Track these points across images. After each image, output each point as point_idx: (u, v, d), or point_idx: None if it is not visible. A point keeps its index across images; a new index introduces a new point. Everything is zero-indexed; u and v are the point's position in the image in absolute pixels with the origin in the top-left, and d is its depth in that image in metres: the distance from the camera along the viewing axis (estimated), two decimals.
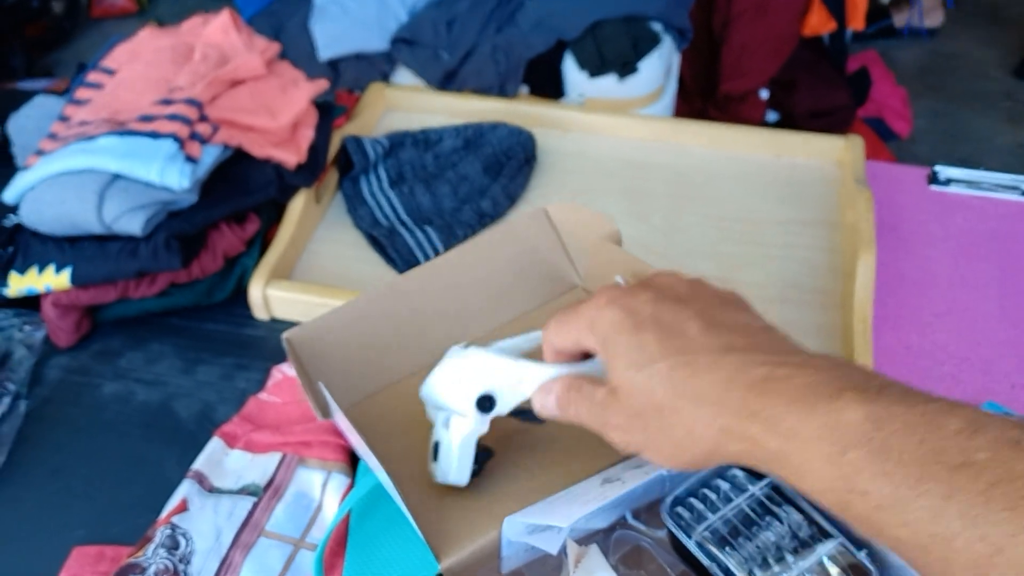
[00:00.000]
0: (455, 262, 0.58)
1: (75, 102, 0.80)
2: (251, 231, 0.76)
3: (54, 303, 0.69)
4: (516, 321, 0.61)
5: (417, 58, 1.48)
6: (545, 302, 0.62)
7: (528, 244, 0.61)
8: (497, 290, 0.60)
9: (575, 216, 0.61)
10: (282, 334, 0.53)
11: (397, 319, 0.57)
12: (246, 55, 0.80)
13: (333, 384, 0.54)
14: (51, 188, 0.69)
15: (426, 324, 0.58)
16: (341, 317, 0.55)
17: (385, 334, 0.57)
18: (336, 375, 0.55)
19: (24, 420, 0.65)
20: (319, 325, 0.54)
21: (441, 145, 0.85)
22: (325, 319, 0.54)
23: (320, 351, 0.54)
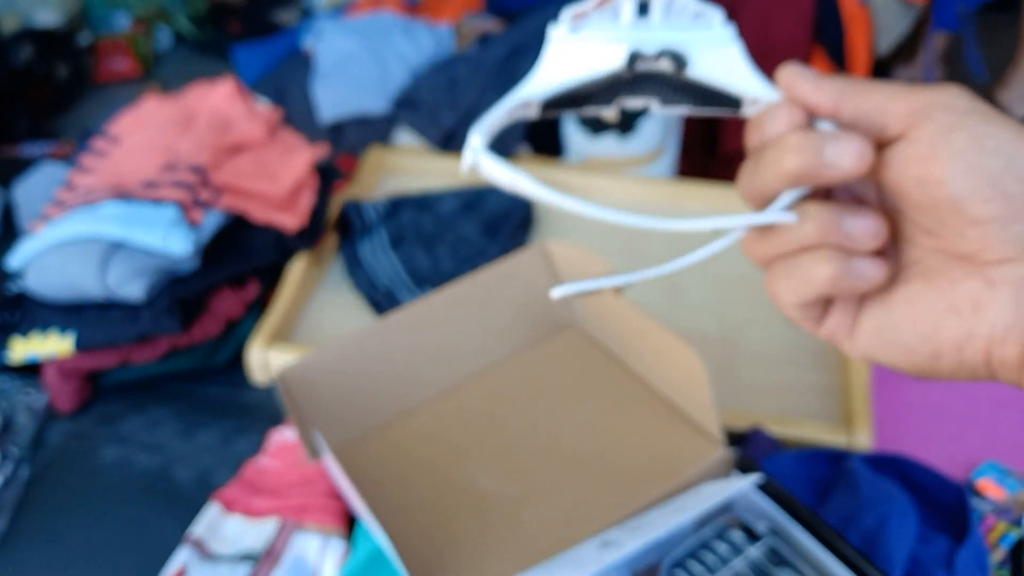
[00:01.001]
0: (452, 298, 0.59)
1: (80, 169, 0.81)
2: (251, 294, 0.77)
3: (56, 369, 0.69)
4: (512, 360, 0.61)
5: (418, 120, 1.51)
6: (541, 340, 0.62)
7: (526, 281, 0.62)
8: (494, 327, 0.61)
9: (574, 255, 0.61)
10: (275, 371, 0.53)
11: (391, 355, 0.58)
12: (248, 122, 0.82)
13: (325, 423, 0.54)
14: (55, 254, 0.70)
15: (420, 361, 0.59)
16: (334, 353, 0.55)
17: (379, 371, 0.57)
18: (329, 413, 0.55)
19: (26, 485, 0.65)
20: (313, 361, 0.54)
21: (440, 207, 0.87)
22: (319, 354, 0.55)
23: (313, 388, 0.54)
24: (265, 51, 1.66)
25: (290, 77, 1.61)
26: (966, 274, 0.28)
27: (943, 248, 0.29)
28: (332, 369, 0.56)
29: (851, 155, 0.27)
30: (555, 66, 0.31)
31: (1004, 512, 0.60)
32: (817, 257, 0.29)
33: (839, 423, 0.63)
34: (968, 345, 0.28)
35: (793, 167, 0.28)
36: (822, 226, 0.28)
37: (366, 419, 0.57)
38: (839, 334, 0.31)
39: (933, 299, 0.29)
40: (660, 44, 0.30)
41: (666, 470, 0.53)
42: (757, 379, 0.69)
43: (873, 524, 0.54)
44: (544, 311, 0.62)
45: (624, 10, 0.30)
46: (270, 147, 0.82)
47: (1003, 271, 0.27)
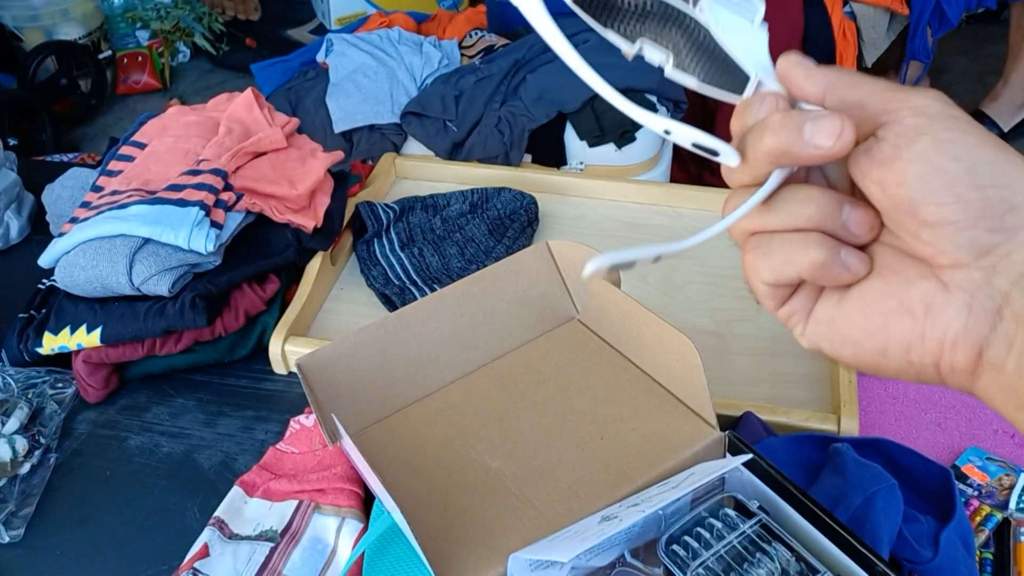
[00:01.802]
0: (461, 293, 0.63)
1: (108, 173, 0.86)
2: (271, 291, 0.80)
3: (84, 360, 0.73)
4: (517, 351, 0.65)
5: (426, 130, 1.56)
6: (543, 332, 0.66)
7: (530, 277, 0.65)
8: (500, 320, 0.64)
9: (575, 253, 0.65)
10: (295, 360, 0.56)
11: (404, 347, 0.61)
12: (268, 129, 0.86)
13: (343, 409, 0.57)
14: (84, 253, 0.74)
15: (433, 352, 0.62)
16: (352, 343, 0.59)
17: (393, 361, 0.60)
18: (346, 400, 0.58)
19: (53, 472, 0.69)
20: (330, 351, 0.58)
21: (449, 209, 0.90)
22: (336, 345, 0.58)
23: (331, 377, 0.58)
24: (280, 67, 1.71)
25: (305, 90, 1.66)
26: (921, 275, 0.28)
27: (901, 247, 0.29)
28: (349, 359, 0.59)
29: (830, 134, 0.27)
30: None
31: (988, 495, 0.63)
32: (808, 240, 0.29)
33: (828, 411, 0.66)
34: (918, 346, 0.28)
35: (774, 145, 0.28)
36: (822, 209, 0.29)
37: (381, 405, 0.60)
38: (794, 319, 0.32)
39: (887, 296, 0.29)
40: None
41: (663, 451, 0.56)
42: (749, 370, 0.72)
43: (860, 503, 0.57)
44: (547, 305, 0.66)
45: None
46: (288, 153, 0.86)
47: (957, 276, 0.27)
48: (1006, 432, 0.67)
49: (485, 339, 0.64)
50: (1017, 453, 0.65)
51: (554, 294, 0.65)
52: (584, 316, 0.66)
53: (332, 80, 1.63)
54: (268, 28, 2.95)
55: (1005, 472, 0.64)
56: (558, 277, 0.65)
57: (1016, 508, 0.62)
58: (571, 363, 0.63)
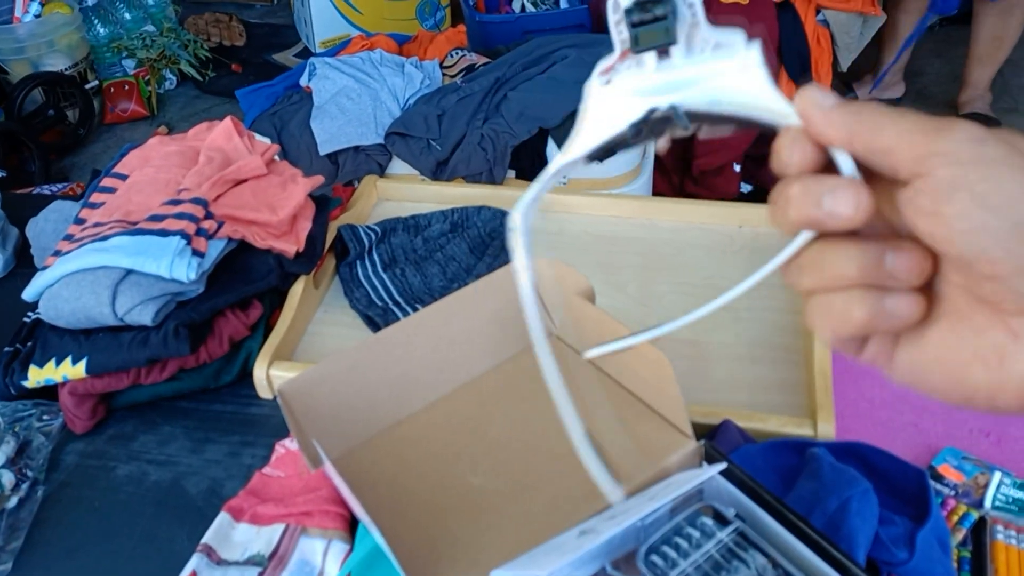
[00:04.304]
0: (440, 313, 0.63)
1: (90, 205, 0.87)
2: (254, 316, 0.81)
3: (70, 392, 0.74)
4: (497, 368, 0.66)
5: (410, 150, 1.57)
6: (522, 349, 0.67)
7: (508, 295, 0.66)
8: (480, 339, 0.65)
9: (551, 271, 0.66)
10: (276, 386, 0.57)
11: (384, 369, 0.62)
12: (248, 157, 0.87)
13: (326, 433, 0.58)
14: (68, 286, 0.75)
15: (414, 373, 0.63)
16: (333, 367, 0.60)
17: (374, 383, 0.61)
18: (328, 424, 0.59)
19: (41, 505, 0.69)
20: (311, 376, 0.59)
21: (430, 229, 0.91)
22: (317, 370, 0.59)
23: (313, 402, 0.59)
24: (265, 92, 1.72)
25: (290, 114, 1.67)
26: (990, 322, 0.27)
27: (969, 289, 0.28)
28: (329, 383, 0.60)
29: (848, 206, 0.27)
30: (590, 122, 0.32)
31: (964, 494, 0.64)
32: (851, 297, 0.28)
33: (804, 416, 0.67)
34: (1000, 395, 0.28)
35: (797, 217, 0.28)
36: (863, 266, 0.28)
37: (362, 429, 0.61)
38: (879, 361, 0.31)
39: (960, 346, 0.28)
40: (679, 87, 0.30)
41: (640, 462, 0.57)
42: (725, 377, 0.73)
43: (836, 507, 0.58)
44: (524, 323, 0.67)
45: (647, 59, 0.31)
46: (269, 179, 0.87)
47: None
48: (981, 431, 0.68)
49: (465, 358, 0.65)
50: (992, 452, 0.66)
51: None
52: (562, 332, 0.67)
53: (316, 103, 1.64)
54: (253, 53, 2.97)
55: (980, 471, 0.65)
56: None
57: (992, 506, 0.63)
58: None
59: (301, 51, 2.96)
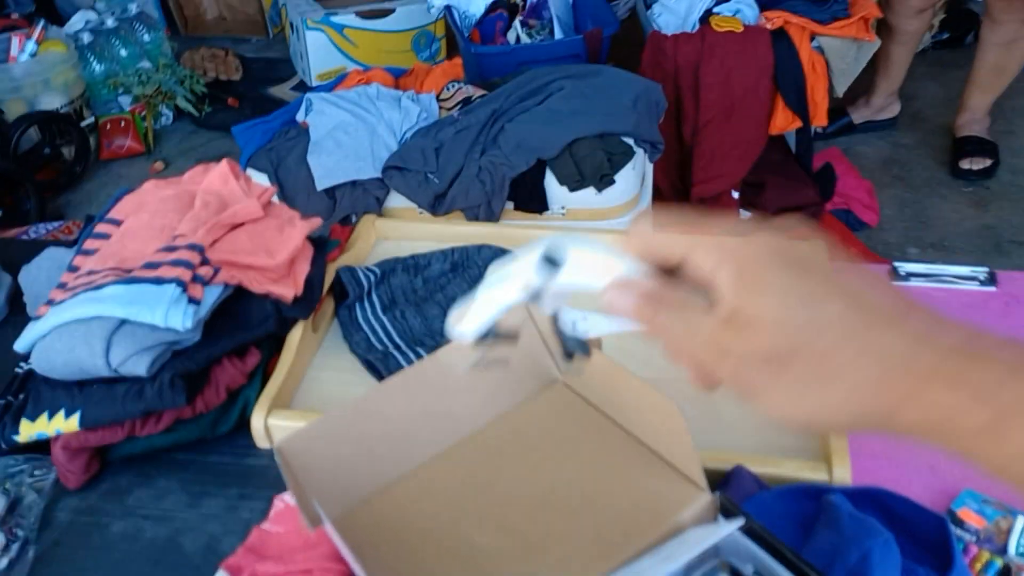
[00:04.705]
0: (440, 363, 0.61)
1: (84, 252, 0.85)
2: (252, 364, 0.79)
3: (63, 447, 0.72)
4: (502, 417, 0.63)
5: (408, 183, 1.56)
6: (527, 397, 0.65)
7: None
8: (482, 387, 0.63)
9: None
10: (276, 441, 0.55)
11: (386, 422, 0.60)
12: (244, 200, 0.86)
13: (325, 491, 0.56)
14: (60, 337, 0.73)
15: (414, 427, 0.61)
16: (331, 423, 0.58)
17: (374, 437, 0.59)
18: (328, 482, 0.57)
19: (33, 565, 0.67)
20: (310, 433, 0.57)
21: (430, 269, 0.90)
22: (316, 425, 0.57)
23: (311, 458, 0.56)
24: (261, 128, 1.71)
25: (287, 149, 1.66)
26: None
27: None
28: (328, 439, 0.58)
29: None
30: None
31: (986, 541, 0.62)
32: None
33: (819, 460, 0.65)
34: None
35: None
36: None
37: (364, 486, 0.59)
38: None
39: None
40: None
41: (653, 517, 0.55)
42: (737, 418, 0.71)
43: (857, 559, 0.56)
44: (529, 370, 0.65)
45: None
46: (266, 222, 0.86)
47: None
48: None
49: (468, 408, 0.63)
50: (1012, 495, 0.64)
51: (536, 356, 0.64)
52: (568, 378, 0.65)
53: (313, 138, 1.64)
54: (250, 87, 2.98)
55: (1002, 515, 0.63)
56: (539, 339, 0.64)
57: (1016, 553, 0.61)
58: (556, 428, 0.62)
59: (297, 84, 2.96)
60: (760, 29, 1.74)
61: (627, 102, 1.55)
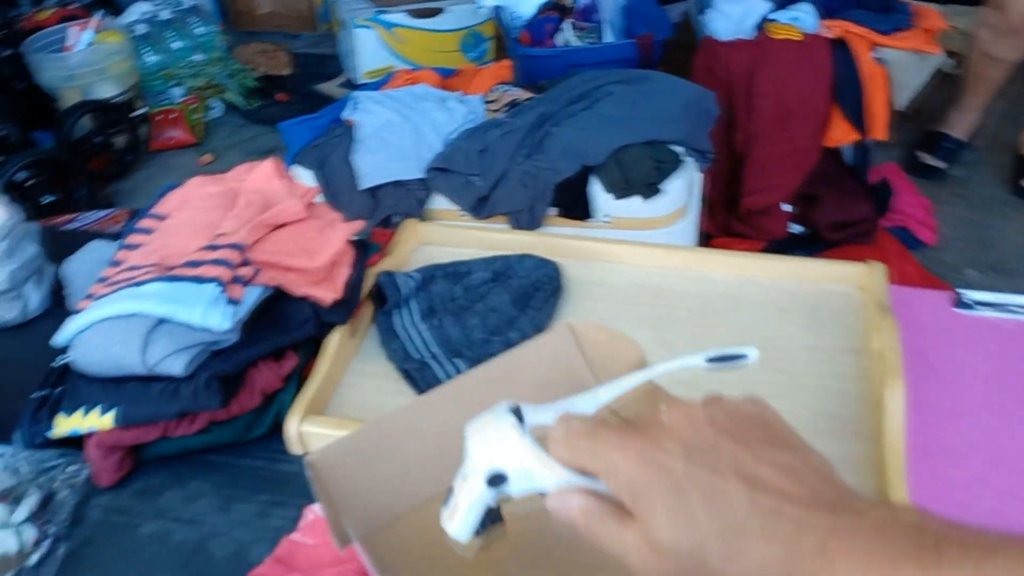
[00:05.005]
0: (480, 380, 0.59)
1: (126, 247, 0.85)
2: (288, 367, 0.78)
3: (97, 444, 0.71)
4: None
5: (451, 185, 1.55)
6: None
7: (552, 361, 0.62)
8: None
9: (599, 335, 0.62)
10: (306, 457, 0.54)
11: (420, 440, 0.58)
12: (288, 200, 0.85)
13: (356, 507, 0.54)
14: (99, 332, 0.73)
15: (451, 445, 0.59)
16: (365, 438, 0.56)
17: (408, 455, 0.57)
18: (359, 498, 0.55)
19: (62, 563, 0.66)
20: (343, 447, 0.55)
21: (471, 277, 0.88)
22: (349, 440, 0.55)
23: (343, 473, 0.55)
24: (308, 125, 1.72)
25: (332, 147, 1.66)
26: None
27: None
28: (361, 454, 0.56)
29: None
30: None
31: None
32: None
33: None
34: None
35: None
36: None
37: (395, 504, 0.57)
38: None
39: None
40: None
41: None
42: None
43: None
44: (572, 391, 0.62)
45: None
46: (308, 223, 0.85)
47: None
48: None
49: None
50: None
51: (579, 379, 0.62)
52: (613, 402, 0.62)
53: (358, 137, 1.63)
54: (299, 83, 3.00)
55: None
56: (582, 360, 0.62)
57: None
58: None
59: (345, 82, 2.98)
60: (819, 38, 1.69)
61: (678, 109, 1.52)
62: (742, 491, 0.36)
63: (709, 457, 0.38)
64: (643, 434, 0.40)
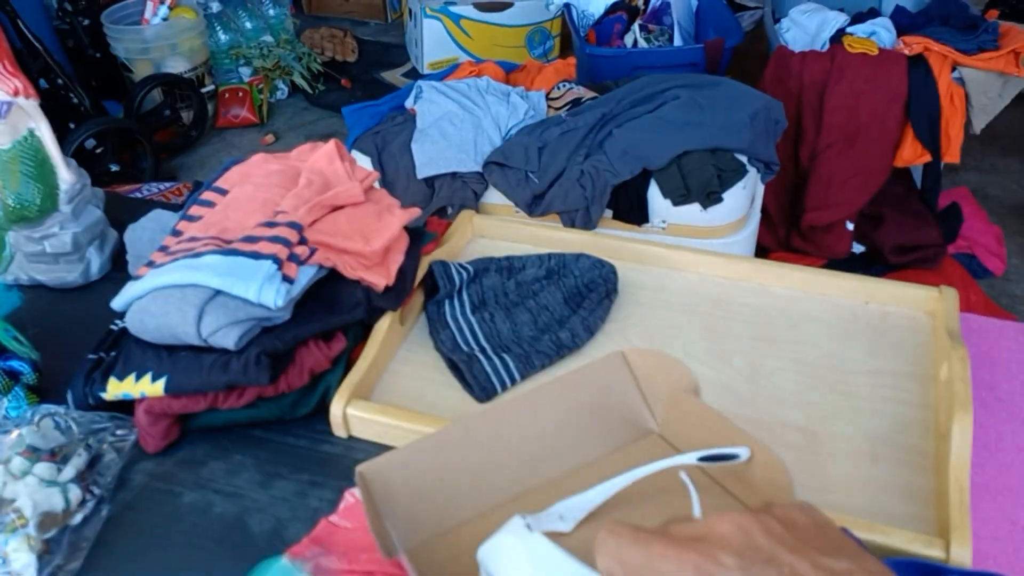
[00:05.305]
0: (531, 402, 0.59)
1: (188, 218, 0.86)
2: (337, 349, 0.78)
3: (147, 410, 0.72)
4: (590, 465, 0.60)
5: (507, 180, 1.54)
6: (620, 446, 0.61)
7: (605, 386, 0.61)
8: (572, 432, 0.60)
9: (652, 361, 0.61)
10: (356, 467, 0.54)
11: (470, 457, 0.57)
12: (347, 183, 0.85)
13: (402, 519, 0.54)
14: (156, 300, 0.73)
15: (499, 463, 0.58)
16: (415, 452, 0.56)
17: (457, 471, 0.57)
18: (406, 510, 0.55)
19: (104, 525, 0.67)
20: (393, 459, 0.55)
21: (524, 273, 0.87)
22: (399, 454, 0.55)
23: (392, 486, 0.55)
24: (370, 111, 1.72)
25: (392, 134, 1.67)
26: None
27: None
28: (411, 467, 0.56)
29: None
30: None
31: None
32: None
33: (933, 535, 0.59)
34: None
35: None
36: None
37: (440, 519, 0.57)
38: None
39: None
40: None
41: None
42: (843, 476, 0.66)
43: None
44: (623, 417, 0.61)
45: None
46: (366, 207, 0.84)
47: None
48: None
49: (555, 450, 0.60)
50: None
51: (631, 405, 0.61)
52: (663, 429, 0.61)
53: (418, 126, 1.63)
54: (363, 69, 3.03)
55: None
56: (635, 387, 0.61)
57: None
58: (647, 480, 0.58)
59: (409, 71, 2.99)
60: (897, 54, 1.64)
61: (744, 117, 1.48)
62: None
63: (767, 570, 0.36)
64: (697, 546, 0.39)
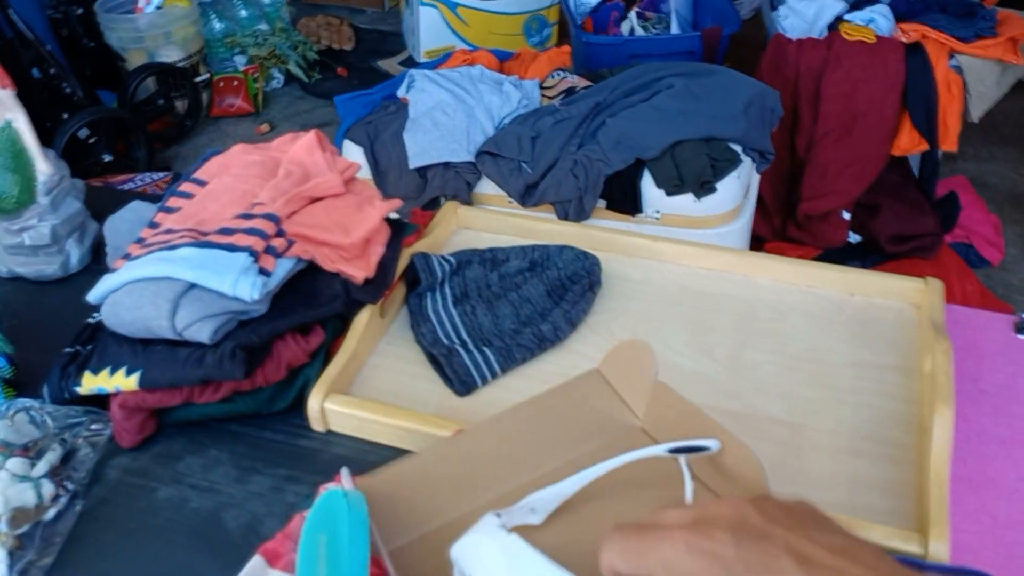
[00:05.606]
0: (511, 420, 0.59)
1: (165, 209, 0.85)
2: (315, 343, 0.77)
3: (121, 404, 0.71)
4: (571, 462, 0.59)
5: (500, 170, 1.53)
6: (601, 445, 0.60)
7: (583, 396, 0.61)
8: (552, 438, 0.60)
9: (627, 355, 0.60)
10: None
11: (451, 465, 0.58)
12: (327, 174, 0.83)
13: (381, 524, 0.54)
14: (130, 293, 0.73)
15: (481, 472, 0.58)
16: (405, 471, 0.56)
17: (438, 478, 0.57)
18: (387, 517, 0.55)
19: (77, 520, 0.67)
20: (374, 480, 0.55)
21: (507, 265, 0.86)
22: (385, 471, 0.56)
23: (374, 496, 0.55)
24: (363, 100, 1.71)
25: (384, 124, 1.65)
26: None
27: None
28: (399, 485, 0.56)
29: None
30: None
31: None
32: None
33: (911, 529, 0.58)
34: None
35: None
36: None
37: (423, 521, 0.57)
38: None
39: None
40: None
41: None
42: (823, 471, 0.65)
43: None
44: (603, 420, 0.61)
45: None
46: (345, 199, 0.83)
47: None
48: None
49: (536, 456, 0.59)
50: None
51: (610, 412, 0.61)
52: (645, 422, 0.60)
53: (411, 116, 1.62)
54: (360, 58, 3.01)
55: None
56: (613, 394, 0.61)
57: None
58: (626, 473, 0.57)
59: (406, 59, 2.97)
60: (894, 41, 1.62)
61: (739, 106, 1.47)
62: (792, 565, 0.35)
63: (760, 542, 0.36)
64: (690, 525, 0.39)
